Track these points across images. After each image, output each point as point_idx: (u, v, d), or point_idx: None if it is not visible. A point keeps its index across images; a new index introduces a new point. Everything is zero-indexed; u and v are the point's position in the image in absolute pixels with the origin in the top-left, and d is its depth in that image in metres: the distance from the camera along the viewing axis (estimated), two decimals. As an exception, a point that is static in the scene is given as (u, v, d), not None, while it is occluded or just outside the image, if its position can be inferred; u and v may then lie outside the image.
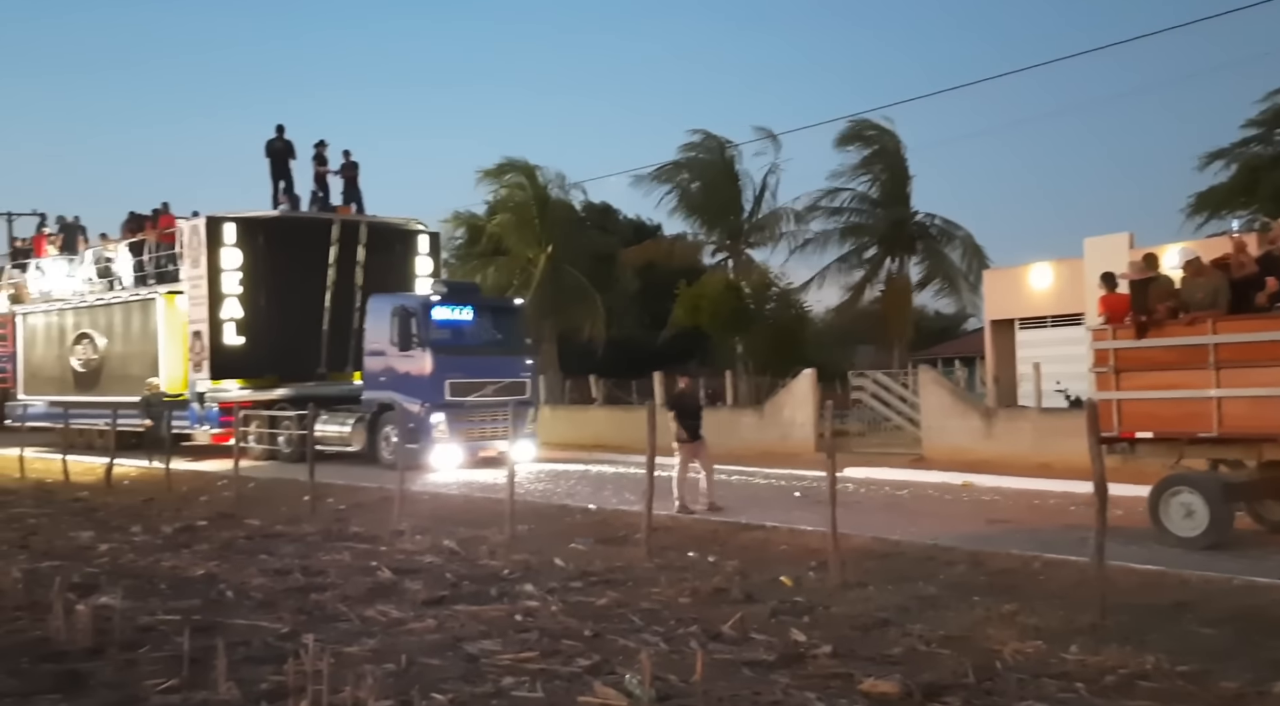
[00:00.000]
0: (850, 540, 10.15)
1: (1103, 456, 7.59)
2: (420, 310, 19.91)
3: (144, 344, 24.39)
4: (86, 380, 26.16)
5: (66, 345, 26.83)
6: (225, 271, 22.20)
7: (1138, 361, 10.89)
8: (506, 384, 20.21)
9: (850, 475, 16.80)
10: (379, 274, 23.38)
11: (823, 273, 32.62)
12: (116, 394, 24.08)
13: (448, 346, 19.86)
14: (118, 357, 25.36)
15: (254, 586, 8.81)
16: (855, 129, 30.82)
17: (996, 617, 7.34)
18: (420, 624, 7.34)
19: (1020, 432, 17.94)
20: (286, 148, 23.74)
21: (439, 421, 19.51)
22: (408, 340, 19.75)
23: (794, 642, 6.76)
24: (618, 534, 11.42)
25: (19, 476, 19.43)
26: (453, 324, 20.28)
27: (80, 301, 26.63)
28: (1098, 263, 17.54)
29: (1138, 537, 10.22)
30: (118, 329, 25.36)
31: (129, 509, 14.65)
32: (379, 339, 20.40)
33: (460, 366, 19.87)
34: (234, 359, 22.35)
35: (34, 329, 28.44)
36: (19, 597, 8.02)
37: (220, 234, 22.20)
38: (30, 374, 28.54)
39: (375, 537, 11.38)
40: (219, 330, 22.19)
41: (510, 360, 20.61)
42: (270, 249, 22.64)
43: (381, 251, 23.94)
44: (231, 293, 22.26)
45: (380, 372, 20.50)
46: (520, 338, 21.22)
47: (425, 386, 19.62)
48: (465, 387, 19.74)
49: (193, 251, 22.44)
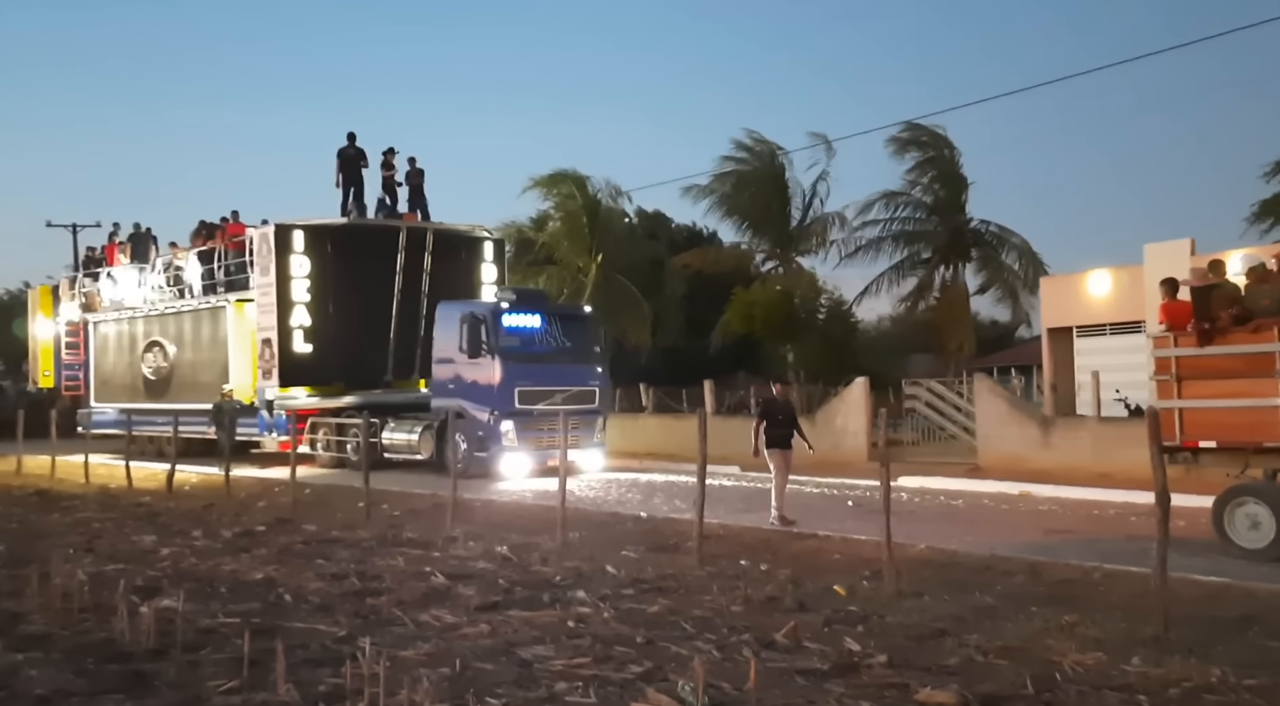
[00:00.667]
0: (905, 549, 10.07)
1: (1164, 466, 7.45)
2: (489, 317, 19.85)
3: (213, 352, 24.64)
4: (157, 387, 26.46)
5: (137, 353, 27.16)
6: (294, 279, 22.31)
7: (1201, 369, 10.68)
8: (575, 392, 20.15)
9: (904, 484, 16.65)
10: (445, 281, 23.40)
11: (877, 280, 32.41)
12: (186, 401, 24.46)
13: (517, 354, 19.78)
14: (188, 365, 25.64)
15: (311, 590, 8.92)
16: (910, 135, 30.61)
17: (1056, 628, 7.23)
18: (474, 629, 7.39)
19: (1079, 442, 17.65)
20: (358, 155, 23.80)
21: (508, 429, 19.44)
22: (477, 347, 19.71)
23: (848, 652, 6.70)
24: (669, 541, 11.41)
25: (84, 482, 19.87)
26: (522, 331, 20.20)
27: (150, 309, 26.94)
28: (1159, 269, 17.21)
29: (1201, 549, 10.01)
30: (188, 337, 25.67)
31: (190, 514, 14.92)
32: (447, 346, 20.36)
33: (529, 374, 19.76)
34: (302, 366, 22.42)
35: (105, 337, 28.79)
36: (85, 600, 8.17)
37: (289, 241, 22.30)
38: (101, 381, 28.82)
39: (429, 543, 11.48)
40: (288, 338, 22.24)
41: (579, 368, 20.51)
42: (338, 256, 22.75)
43: (447, 258, 23.94)
44: (300, 300, 22.36)
45: (449, 380, 20.46)
46: (590, 345, 21.08)
47: (494, 394, 19.55)
48: (534, 396, 19.63)
49: (262, 259, 22.59)
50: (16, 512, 15.66)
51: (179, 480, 18.75)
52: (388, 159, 24.19)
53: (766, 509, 14.51)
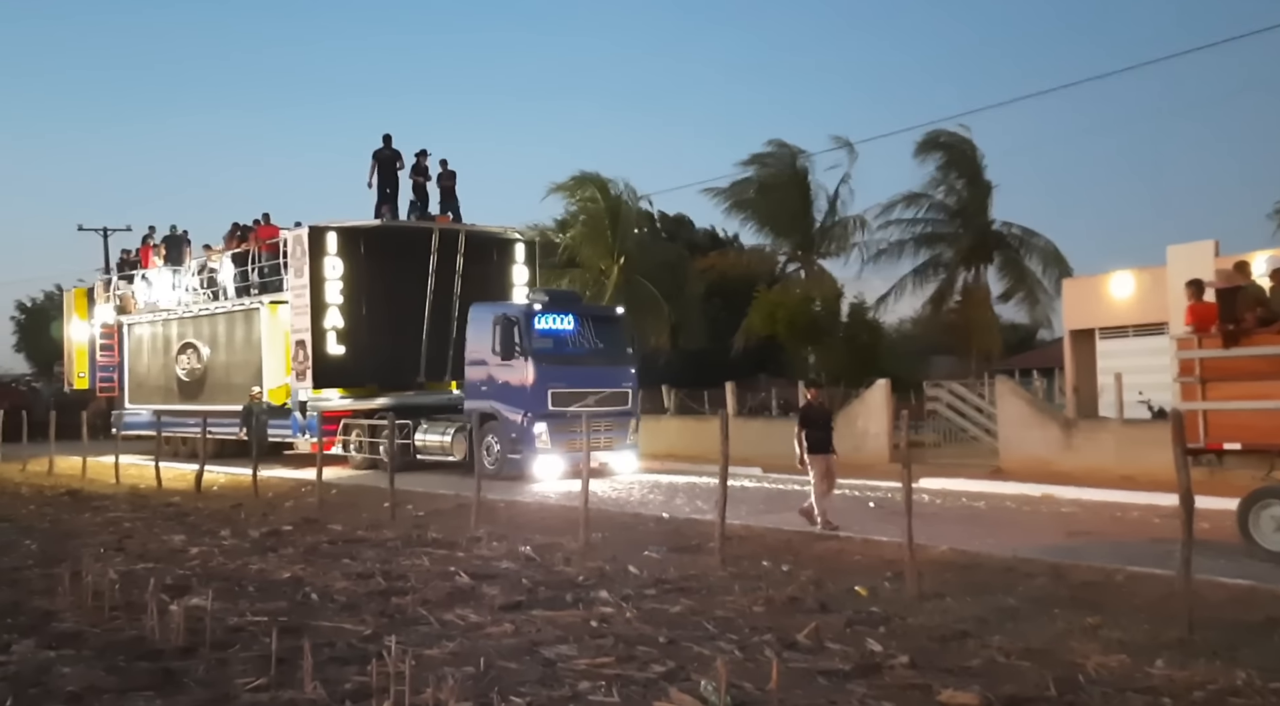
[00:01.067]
0: (927, 551, 10.07)
1: (1188, 468, 7.43)
2: (522, 319, 19.77)
3: (247, 353, 24.65)
4: (190, 389, 26.49)
5: (171, 355, 27.22)
6: (328, 281, 22.29)
7: (1225, 371, 10.62)
8: (609, 394, 20.04)
9: (926, 486, 16.62)
10: (477, 283, 23.35)
11: (900, 283, 32.35)
12: (220, 403, 24.52)
13: (550, 356, 19.70)
14: (221, 367, 25.64)
15: (337, 589, 9.02)
16: (932, 137, 30.55)
17: (1079, 630, 7.23)
18: (498, 628, 7.46)
19: (1101, 444, 17.57)
20: (394, 156, 23.67)
21: (541, 431, 19.33)
22: (510, 349, 19.64)
23: (870, 653, 6.73)
24: (691, 542, 11.44)
25: (114, 482, 20.09)
26: (555, 333, 20.11)
27: (185, 311, 26.99)
28: (1182, 270, 17.13)
29: (1226, 552, 9.96)
30: (221, 338, 25.65)
31: (218, 514, 15.08)
32: (480, 348, 20.30)
33: (562, 376, 19.66)
34: (336, 368, 22.39)
35: (139, 338, 28.84)
36: (115, 598, 8.29)
37: (323, 243, 22.29)
38: (136, 383, 28.87)
39: (453, 543, 11.57)
40: (321, 339, 22.22)
41: (613, 370, 20.40)
42: (371, 258, 22.73)
43: (479, 260, 23.90)
44: (333, 302, 22.34)
45: (481, 382, 20.37)
46: (622, 347, 20.97)
47: (527, 396, 19.45)
48: (568, 397, 19.46)
49: (296, 261, 22.57)
50: (49, 512, 15.88)
51: (207, 480, 18.93)
52: (420, 161, 24.10)
53: (788, 510, 14.53)
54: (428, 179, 24.16)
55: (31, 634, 7.53)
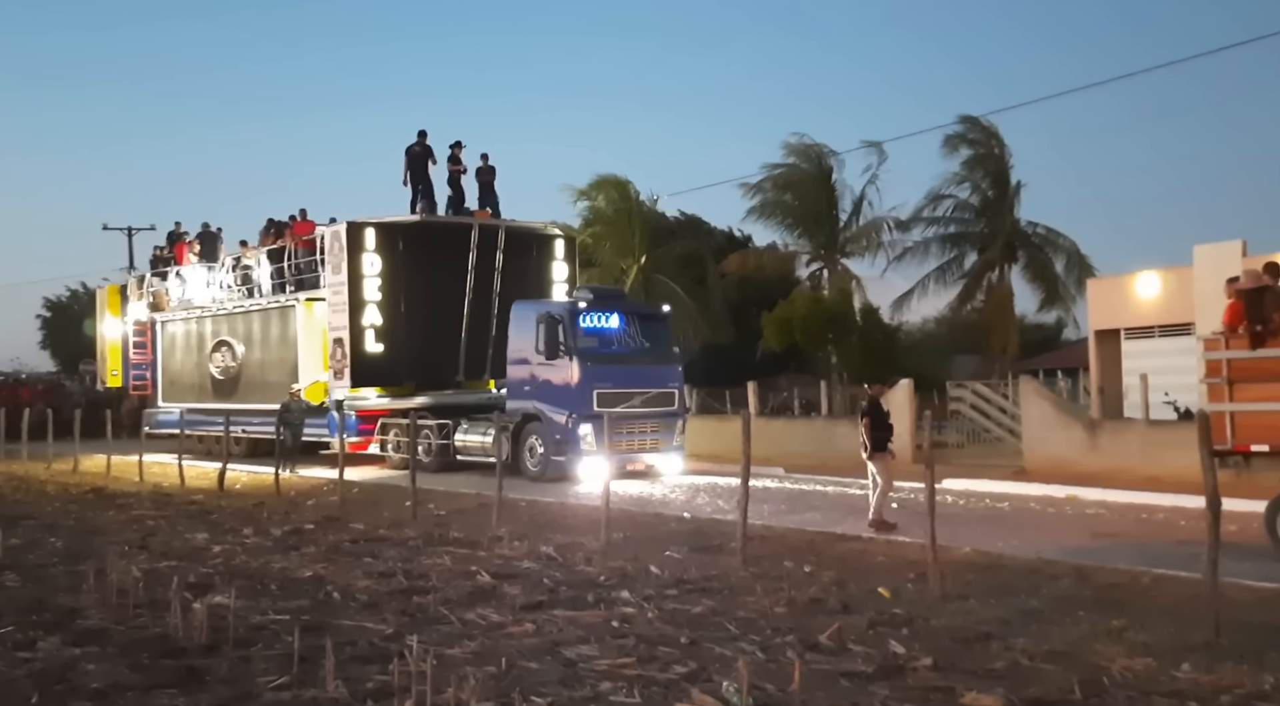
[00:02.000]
0: (950, 552, 10.00)
1: (1215, 469, 7.35)
2: (567, 317, 19.32)
3: (283, 351, 24.39)
4: (225, 387, 26.24)
5: (205, 352, 26.95)
6: (366, 277, 21.92)
7: (1253, 372, 10.52)
8: (655, 394, 19.59)
9: (949, 486, 16.53)
10: (516, 280, 22.94)
11: (923, 282, 32.17)
12: (254, 401, 24.27)
13: (595, 355, 19.28)
14: (256, 365, 25.37)
15: (359, 588, 9.05)
16: (963, 130, 30.33)
17: (1104, 633, 7.16)
18: (519, 628, 7.46)
19: (1127, 445, 17.43)
20: (426, 152, 23.23)
21: (586, 432, 18.81)
22: (554, 348, 19.17)
23: (893, 654, 6.69)
24: (713, 542, 11.42)
25: (138, 480, 20.23)
26: (600, 331, 19.69)
27: (219, 309, 26.69)
28: (1209, 271, 16.97)
29: (1253, 554, 9.85)
30: (256, 336, 25.39)
31: (241, 512, 15.17)
32: (523, 346, 19.84)
33: (608, 376, 19.20)
34: (374, 367, 22.03)
35: (173, 336, 28.59)
36: (139, 596, 8.34)
37: (361, 239, 21.93)
38: (169, 381, 28.62)
39: (475, 543, 11.59)
40: (360, 337, 21.86)
41: (659, 369, 19.95)
42: (409, 254, 22.37)
43: (519, 257, 23.46)
44: (372, 299, 21.97)
45: (524, 381, 19.91)
46: (668, 346, 20.57)
47: (572, 396, 19.01)
48: (613, 398, 18.89)
49: (334, 257, 22.23)
50: (73, 509, 16.02)
51: (230, 479, 19.04)
52: (455, 153, 23.59)
53: (810, 510, 14.49)
54: (464, 171, 23.56)
55: (56, 631, 7.59)
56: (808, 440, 22.68)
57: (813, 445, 22.09)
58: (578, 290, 21.57)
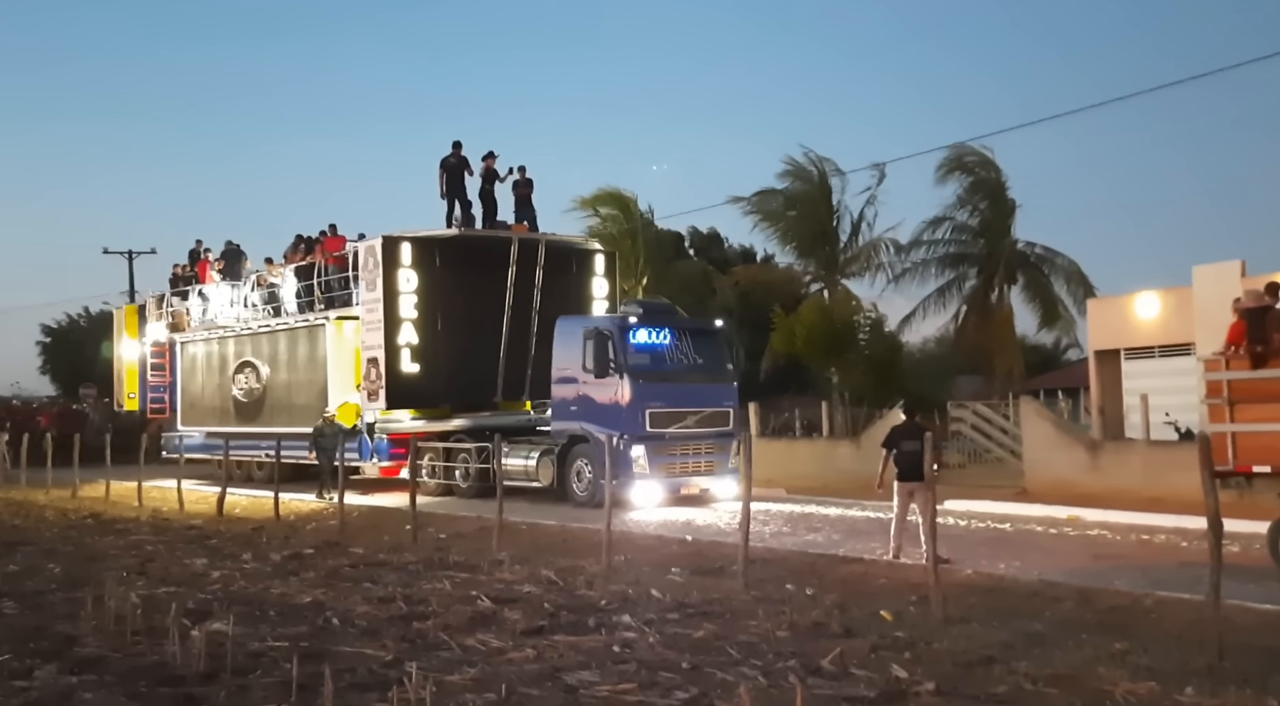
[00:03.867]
0: (952, 574, 9.99)
1: (1217, 490, 7.34)
2: (616, 332, 18.26)
3: (311, 372, 23.48)
4: (248, 410, 25.25)
5: (227, 374, 25.95)
6: (402, 294, 21.08)
7: (1254, 393, 10.51)
8: (709, 414, 18.69)
9: (950, 507, 16.49)
10: (556, 296, 22.00)
11: (923, 303, 32.24)
12: (280, 425, 23.27)
13: (647, 372, 18.29)
14: (282, 387, 24.43)
15: (358, 614, 9.02)
16: (956, 155, 30.52)
17: (1106, 656, 7.13)
18: (519, 653, 7.43)
19: (1128, 466, 17.39)
20: (462, 164, 22.34)
21: (639, 455, 17.78)
22: (604, 365, 18.06)
23: (895, 679, 6.65)
24: (714, 565, 11.38)
25: (137, 505, 20.16)
26: (651, 347, 18.69)
27: (243, 328, 25.68)
28: (1208, 291, 17.00)
29: (1256, 576, 9.82)
30: (283, 357, 24.41)
31: (240, 537, 15.13)
32: (569, 364, 18.81)
33: (660, 394, 18.24)
34: (410, 387, 21.16)
35: (193, 358, 27.57)
36: (137, 623, 8.31)
37: (397, 254, 21.08)
38: (189, 404, 27.59)
39: (475, 567, 11.55)
40: (395, 357, 20.98)
41: (713, 387, 19.01)
42: (446, 270, 21.50)
43: (559, 272, 22.56)
44: (408, 317, 21.10)
45: (570, 401, 18.85)
46: (722, 362, 19.51)
47: (623, 416, 17.93)
48: (666, 418, 18.09)
49: (368, 273, 21.31)
50: (72, 535, 15.97)
51: (229, 503, 19.00)
52: (488, 165, 22.53)
53: (811, 532, 14.45)
54: (499, 180, 22.64)
55: (54, 658, 7.55)
56: (810, 461, 22.65)
57: (815, 466, 22.06)
58: (625, 304, 20.67)
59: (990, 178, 30.54)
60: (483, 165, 22.49)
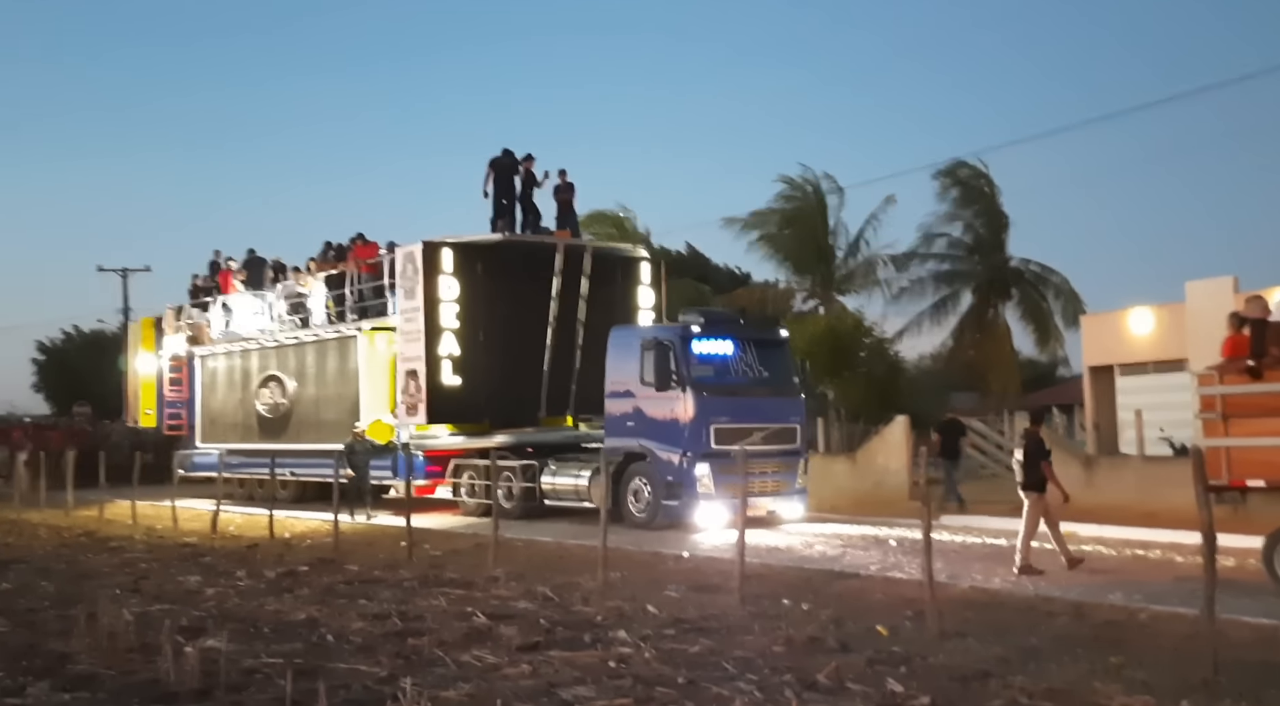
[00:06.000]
0: (948, 589, 9.98)
1: (1211, 505, 7.35)
2: (678, 343, 17.15)
3: (340, 386, 22.37)
4: (273, 426, 24.11)
5: (251, 389, 24.84)
6: (443, 302, 20.02)
7: (1248, 407, 10.53)
8: (776, 430, 17.52)
9: (947, 523, 16.47)
10: (602, 306, 21.04)
11: (918, 319, 32.37)
12: (307, 441, 22.48)
13: (711, 386, 17.19)
14: (310, 401, 23.30)
15: (353, 631, 8.98)
16: (950, 168, 30.72)
17: (1102, 671, 7.12)
18: (515, 670, 7.41)
19: (1123, 481, 17.42)
20: (513, 164, 21.19)
21: (704, 474, 16.70)
22: (665, 378, 17.01)
23: (891, 693, 6.65)
24: (710, 581, 11.36)
25: (131, 523, 20.08)
26: (715, 359, 17.60)
27: (269, 341, 24.48)
28: (1201, 306, 17.10)
29: (1251, 590, 9.82)
30: (310, 370, 23.30)
31: (234, 554, 15.09)
32: (625, 377, 17.73)
33: (725, 409, 17.12)
34: (451, 401, 20.07)
35: (214, 372, 26.40)
36: (131, 640, 8.29)
37: (438, 261, 20.04)
38: (208, 420, 26.44)
39: (470, 583, 11.52)
40: (436, 369, 19.90)
41: (779, 402, 17.88)
42: (489, 278, 20.50)
43: (604, 282, 21.50)
44: (449, 327, 20.06)
45: (627, 416, 17.75)
46: (789, 375, 18.43)
47: (685, 433, 16.88)
48: (731, 434, 16.73)
49: (407, 281, 20.23)
50: (65, 553, 15.92)
51: (223, 521, 18.93)
52: (529, 167, 21.33)
53: (808, 548, 14.41)
54: (538, 185, 21.45)
55: (46, 676, 7.51)
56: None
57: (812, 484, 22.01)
58: (684, 313, 19.27)
59: (983, 190, 30.76)
60: (522, 169, 21.36)
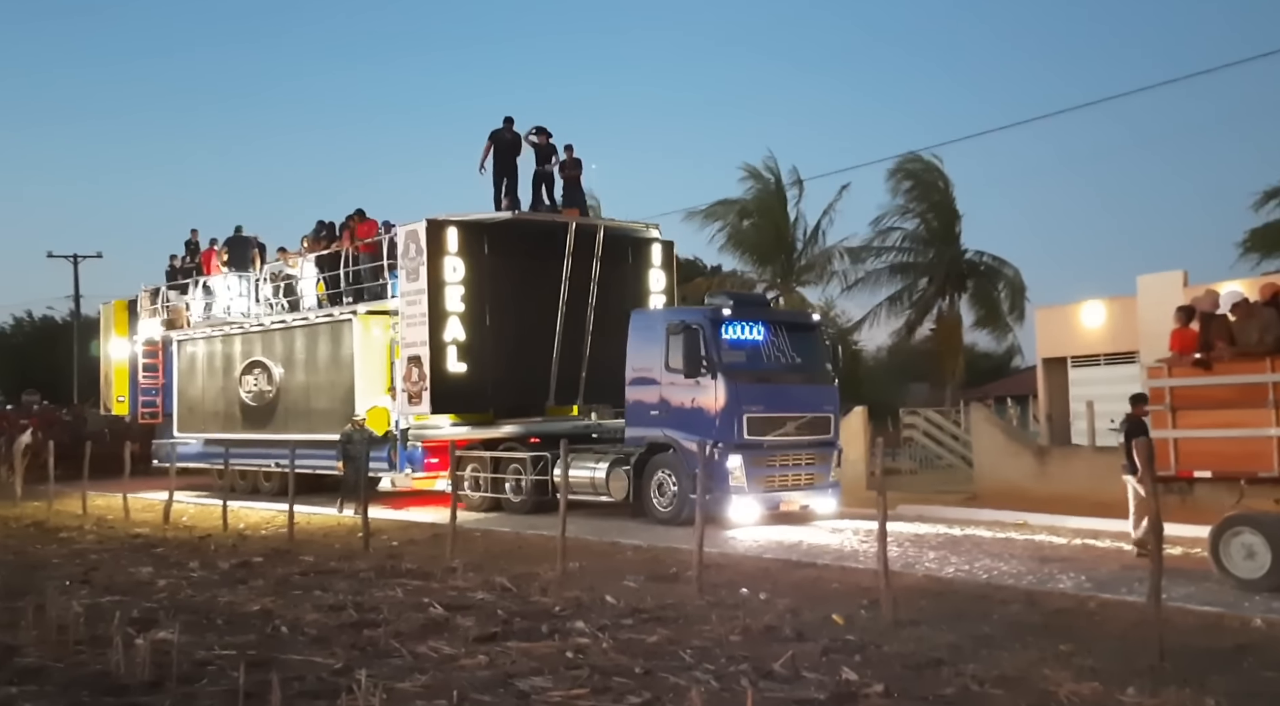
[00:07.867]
0: (902, 578, 10.10)
1: (1158, 495, 7.49)
2: (708, 327, 16.14)
3: (333, 373, 21.13)
4: (257, 415, 22.82)
5: (233, 375, 23.39)
6: (448, 285, 18.83)
7: (1195, 399, 10.72)
8: (810, 420, 16.67)
9: (902, 512, 16.62)
10: (613, 289, 20.09)
11: (875, 310, 32.65)
12: (296, 431, 21.09)
13: (743, 372, 16.23)
14: (299, 389, 22.04)
15: (308, 622, 8.92)
16: (902, 163, 31.00)
17: (1052, 658, 7.24)
18: (472, 660, 7.40)
19: (1074, 471, 17.67)
20: (515, 141, 19.99)
21: (735, 466, 15.75)
22: (694, 365, 16.03)
23: (845, 681, 6.72)
24: (669, 571, 11.41)
25: (81, 513, 19.70)
26: (746, 344, 16.61)
27: (253, 325, 23.10)
28: (1152, 300, 17.33)
29: (1196, 578, 10.03)
30: (300, 356, 22.00)
31: (187, 545, 14.90)
32: (648, 364, 16.80)
33: (757, 397, 16.16)
34: (456, 389, 18.87)
35: (192, 357, 24.88)
36: (80, 632, 8.16)
37: (443, 240, 18.82)
38: (186, 408, 24.94)
39: (428, 574, 11.47)
40: (441, 355, 18.68)
41: (813, 390, 16.98)
42: (496, 258, 19.34)
43: (614, 263, 20.45)
44: (454, 310, 18.84)
45: (650, 405, 16.79)
46: (822, 362, 17.44)
47: (716, 422, 15.89)
48: (765, 424, 16.05)
49: (410, 262, 19.00)
50: (12, 544, 15.64)
51: (176, 511, 18.69)
52: (544, 141, 20.10)
53: (768, 537, 14.49)
54: (547, 165, 20.25)
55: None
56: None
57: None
58: (711, 295, 18.54)
59: (935, 184, 31.06)
60: (536, 141, 20.07)
